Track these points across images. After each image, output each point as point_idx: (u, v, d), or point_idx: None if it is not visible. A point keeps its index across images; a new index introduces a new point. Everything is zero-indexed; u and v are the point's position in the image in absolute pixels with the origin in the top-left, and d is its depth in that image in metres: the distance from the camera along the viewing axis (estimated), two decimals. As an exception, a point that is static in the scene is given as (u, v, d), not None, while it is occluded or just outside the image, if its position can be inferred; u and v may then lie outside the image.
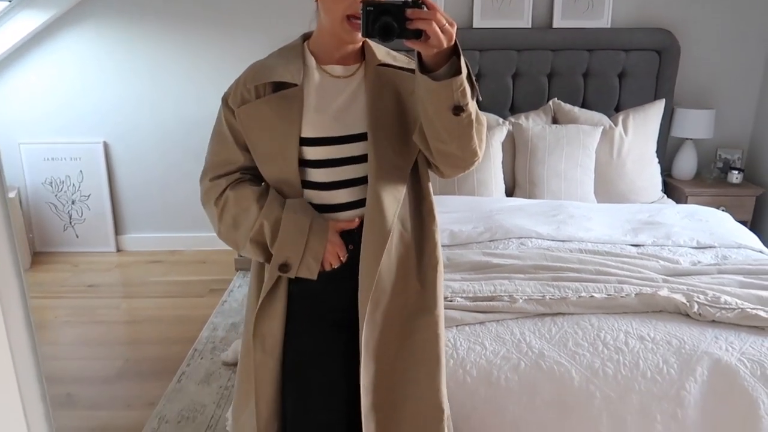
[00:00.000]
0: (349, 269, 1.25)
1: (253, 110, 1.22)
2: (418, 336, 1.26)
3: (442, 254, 1.32)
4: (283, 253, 1.23)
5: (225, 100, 1.26)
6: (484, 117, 1.15)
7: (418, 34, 0.99)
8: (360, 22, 1.05)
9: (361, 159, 1.24)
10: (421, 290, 1.27)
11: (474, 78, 1.08)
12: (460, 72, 1.02)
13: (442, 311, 1.29)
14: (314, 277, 1.24)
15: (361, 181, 1.25)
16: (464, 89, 1.04)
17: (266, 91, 1.23)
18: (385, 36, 1.00)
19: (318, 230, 1.22)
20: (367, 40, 1.25)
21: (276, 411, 1.32)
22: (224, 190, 1.28)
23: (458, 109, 1.05)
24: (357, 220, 1.25)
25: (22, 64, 3.53)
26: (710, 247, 2.26)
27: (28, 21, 3.35)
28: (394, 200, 1.21)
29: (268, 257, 1.26)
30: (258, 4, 3.40)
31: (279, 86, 1.22)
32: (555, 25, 3.30)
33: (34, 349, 0.66)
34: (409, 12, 0.99)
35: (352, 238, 1.26)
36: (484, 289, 1.81)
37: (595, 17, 3.29)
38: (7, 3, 3.20)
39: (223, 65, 3.50)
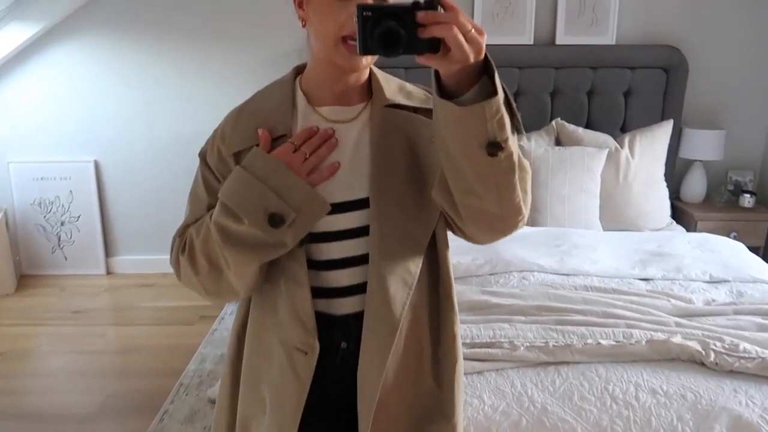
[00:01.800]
0: (343, 370, 1.01)
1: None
2: None
3: (461, 351, 1.07)
4: (253, 206, 0.91)
5: (203, 157, 1.04)
6: (527, 161, 0.89)
7: (435, 46, 0.75)
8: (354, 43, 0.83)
9: (365, 231, 0.98)
10: (437, 391, 1.03)
11: (514, 104, 0.81)
12: (494, 94, 0.77)
13: (461, 419, 1.05)
14: (323, 205, 0.93)
15: (367, 258, 0.98)
16: (502, 117, 0.78)
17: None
18: (389, 47, 0.76)
19: (255, 160, 0.93)
20: (375, 72, 1.03)
21: None
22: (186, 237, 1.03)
23: (494, 146, 0.79)
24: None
25: (12, 79, 3.43)
26: (724, 281, 2.13)
27: (18, 33, 3.24)
28: (404, 286, 0.96)
29: (257, 242, 0.92)
30: (252, 18, 3.30)
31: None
32: (558, 41, 3.19)
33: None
34: (420, 15, 0.74)
35: (348, 333, 1.01)
36: (482, 333, 1.68)
37: (599, 33, 3.18)
38: (-5, 16, 3.10)
39: (219, 81, 3.39)
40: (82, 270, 3.71)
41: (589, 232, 2.57)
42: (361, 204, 0.97)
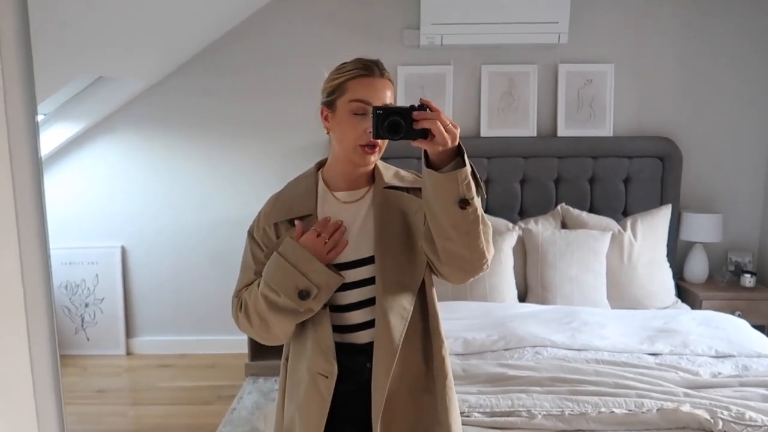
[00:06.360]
0: (365, 386, 1.28)
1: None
2: None
3: (451, 369, 1.34)
4: (287, 285, 1.24)
5: (250, 233, 1.37)
6: (490, 222, 1.21)
7: (424, 134, 1.08)
8: (369, 149, 1.21)
9: (372, 281, 1.29)
10: (433, 404, 1.30)
11: (479, 176, 1.14)
12: (464, 167, 1.10)
13: (455, 423, 1.30)
14: (338, 280, 1.26)
15: (374, 301, 1.29)
16: (469, 183, 1.10)
17: (285, 223, 1.34)
18: (394, 134, 1.10)
19: (290, 250, 1.26)
20: (378, 163, 1.35)
21: None
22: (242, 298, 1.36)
23: (464, 203, 1.10)
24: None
25: (50, 173, 3.68)
26: (729, 356, 2.22)
27: (61, 132, 3.53)
28: (400, 319, 1.25)
29: (292, 309, 1.25)
30: (271, 118, 3.59)
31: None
32: (559, 133, 3.44)
33: None
34: (415, 114, 1.08)
35: (368, 356, 1.29)
36: (501, 403, 1.78)
37: (597, 126, 3.44)
38: (43, 116, 3.40)
39: (239, 175, 3.64)
40: (103, 350, 3.80)
41: (597, 310, 2.69)
42: (368, 261, 1.30)
